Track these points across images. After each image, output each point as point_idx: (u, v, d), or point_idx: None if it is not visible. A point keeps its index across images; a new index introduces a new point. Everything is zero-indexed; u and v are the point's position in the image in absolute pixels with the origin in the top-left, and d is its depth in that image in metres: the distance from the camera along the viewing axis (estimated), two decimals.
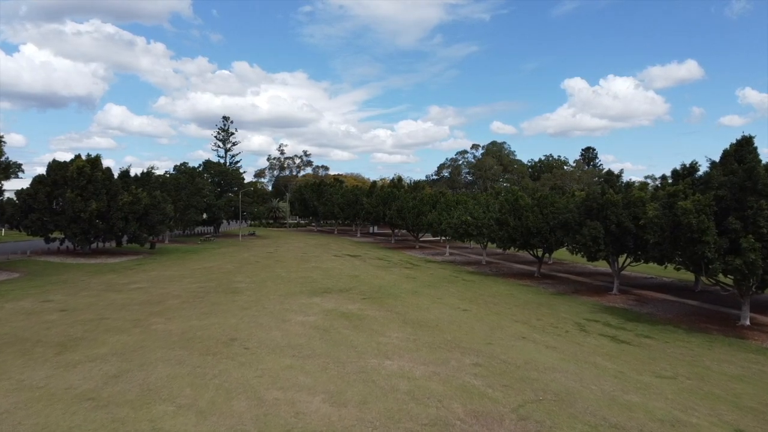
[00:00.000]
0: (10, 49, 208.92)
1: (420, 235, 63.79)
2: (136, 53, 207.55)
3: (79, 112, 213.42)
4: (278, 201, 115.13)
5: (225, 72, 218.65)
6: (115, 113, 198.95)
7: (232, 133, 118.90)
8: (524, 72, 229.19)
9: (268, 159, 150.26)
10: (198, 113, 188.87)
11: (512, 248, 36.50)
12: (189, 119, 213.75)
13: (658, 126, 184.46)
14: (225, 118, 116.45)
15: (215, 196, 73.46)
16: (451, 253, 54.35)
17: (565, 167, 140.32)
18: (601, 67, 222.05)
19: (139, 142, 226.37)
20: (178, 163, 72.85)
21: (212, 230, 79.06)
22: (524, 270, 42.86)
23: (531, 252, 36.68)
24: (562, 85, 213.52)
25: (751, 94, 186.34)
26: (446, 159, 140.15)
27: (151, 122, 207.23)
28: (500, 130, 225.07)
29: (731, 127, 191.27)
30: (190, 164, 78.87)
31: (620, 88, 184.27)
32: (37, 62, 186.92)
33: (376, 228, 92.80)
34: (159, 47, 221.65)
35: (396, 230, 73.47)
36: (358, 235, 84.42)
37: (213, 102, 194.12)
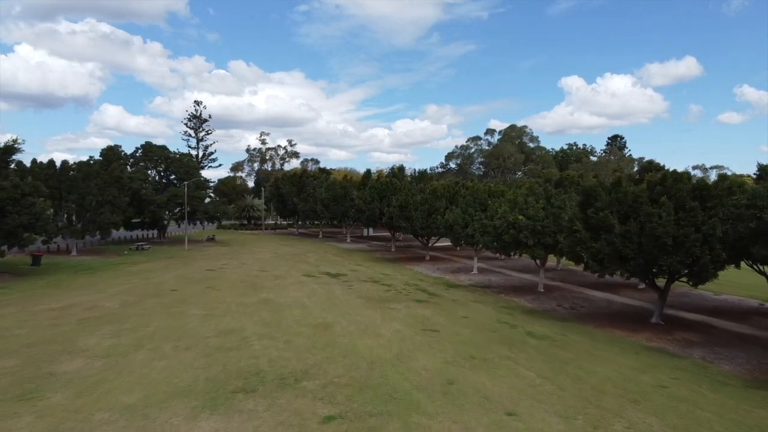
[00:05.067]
0: (5, 49, 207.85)
1: (433, 240, 48.01)
2: (132, 53, 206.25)
3: (76, 113, 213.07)
4: (253, 198, 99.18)
5: (222, 71, 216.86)
6: (112, 113, 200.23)
7: (206, 120, 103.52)
8: (521, 70, 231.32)
9: (248, 150, 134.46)
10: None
11: (619, 272, 20.77)
12: (186, 119, 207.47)
13: (657, 124, 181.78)
14: (197, 102, 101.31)
15: (155, 189, 57.58)
16: (479, 269, 38.64)
17: (592, 157, 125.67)
18: (598, 65, 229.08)
19: (136, 142, 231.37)
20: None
21: (156, 235, 63.22)
22: (615, 303, 27.29)
23: (648, 280, 20.97)
24: (559, 83, 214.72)
25: (749, 92, 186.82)
26: (455, 147, 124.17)
27: (148, 122, 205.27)
28: (498, 129, 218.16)
29: (729, 125, 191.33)
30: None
31: (618, 86, 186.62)
32: (33, 62, 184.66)
33: (371, 230, 77.02)
34: (156, 46, 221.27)
35: (397, 233, 57.68)
36: (348, 239, 68.66)
37: (210, 101, 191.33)
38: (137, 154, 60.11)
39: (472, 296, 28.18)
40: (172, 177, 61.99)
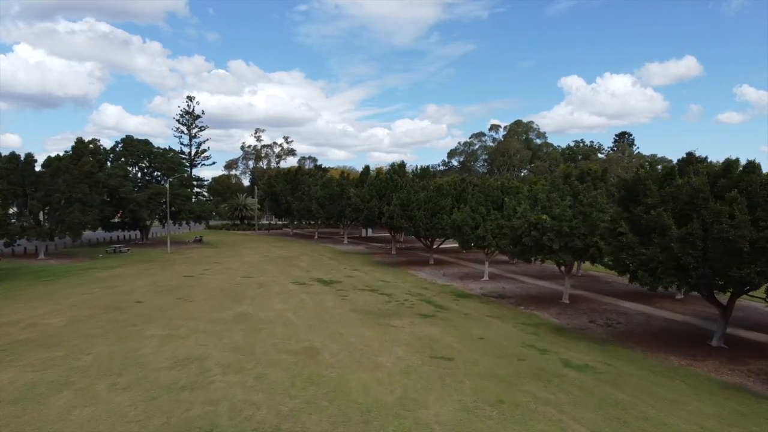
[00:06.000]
0: (4, 49, 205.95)
1: (438, 242, 44.26)
2: (131, 52, 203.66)
3: (76, 112, 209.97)
4: (245, 197, 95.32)
5: (221, 71, 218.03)
6: (111, 113, 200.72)
7: (198, 116, 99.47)
8: (521, 70, 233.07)
9: (242, 148, 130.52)
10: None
11: (676, 285, 17.02)
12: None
13: (657, 123, 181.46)
14: (189, 98, 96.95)
15: (138, 187, 53.81)
16: (490, 274, 34.86)
17: (599, 154, 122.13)
18: (598, 65, 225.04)
19: None
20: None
21: (138, 236, 59.43)
22: (654, 318, 23.56)
23: (707, 293, 17.15)
24: (559, 83, 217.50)
25: (748, 92, 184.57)
26: (459, 144, 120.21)
27: (147, 122, 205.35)
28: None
29: (729, 125, 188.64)
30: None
31: (618, 85, 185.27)
32: (32, 62, 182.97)
33: (370, 230, 73.23)
34: (155, 46, 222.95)
35: (398, 233, 53.88)
36: (345, 240, 64.90)
37: (209, 101, 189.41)
38: (117, 149, 56.33)
39: (487, 309, 24.41)
40: (156, 174, 58.28)
